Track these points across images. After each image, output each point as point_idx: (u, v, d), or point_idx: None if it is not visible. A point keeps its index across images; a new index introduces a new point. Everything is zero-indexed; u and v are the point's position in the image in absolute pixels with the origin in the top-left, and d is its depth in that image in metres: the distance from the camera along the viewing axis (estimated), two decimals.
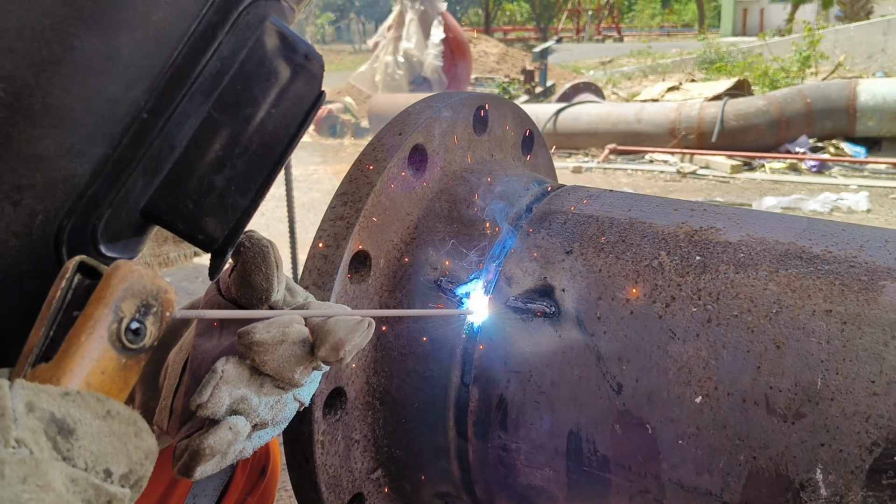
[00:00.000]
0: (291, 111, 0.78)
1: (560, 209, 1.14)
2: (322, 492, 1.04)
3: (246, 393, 0.76)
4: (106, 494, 0.54)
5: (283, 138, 0.78)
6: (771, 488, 0.87)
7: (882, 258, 0.92)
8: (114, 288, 0.58)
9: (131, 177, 0.69)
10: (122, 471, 0.56)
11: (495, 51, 18.80)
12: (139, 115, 0.67)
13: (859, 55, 14.10)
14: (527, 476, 1.06)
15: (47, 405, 0.52)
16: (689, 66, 17.76)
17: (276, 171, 0.78)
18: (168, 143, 0.71)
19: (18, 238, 0.63)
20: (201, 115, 0.72)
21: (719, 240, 1.01)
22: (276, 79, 0.76)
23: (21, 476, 0.48)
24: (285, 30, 0.76)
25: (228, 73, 0.72)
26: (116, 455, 0.56)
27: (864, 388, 0.83)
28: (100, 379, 0.58)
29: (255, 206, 0.79)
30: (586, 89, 11.23)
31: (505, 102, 1.33)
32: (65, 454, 0.52)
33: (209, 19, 0.70)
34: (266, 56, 0.75)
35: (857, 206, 6.20)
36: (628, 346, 0.96)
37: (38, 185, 0.62)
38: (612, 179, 8.02)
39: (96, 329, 0.57)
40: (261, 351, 0.75)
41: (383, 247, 1.08)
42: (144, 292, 0.60)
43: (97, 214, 0.68)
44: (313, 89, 0.79)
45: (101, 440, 0.55)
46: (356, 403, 1.07)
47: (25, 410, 0.51)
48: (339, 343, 0.76)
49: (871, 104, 8.17)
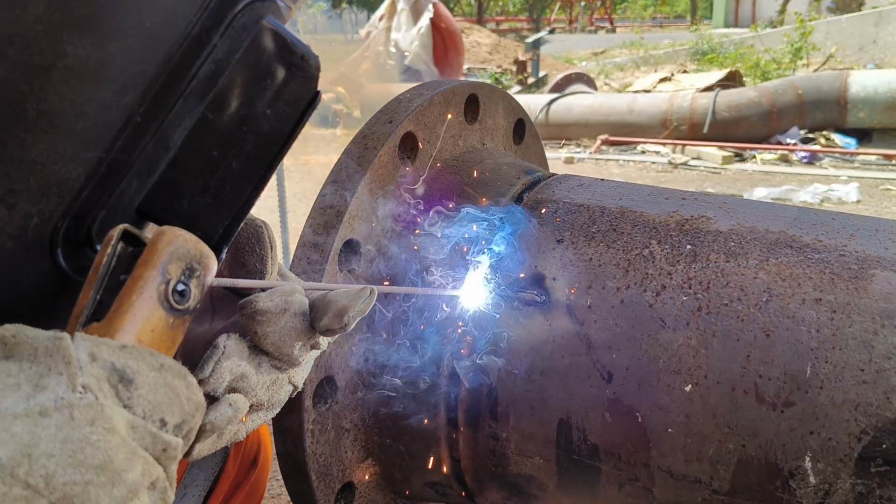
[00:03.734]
0: (287, 111, 0.78)
1: (551, 198, 1.13)
2: (312, 480, 1.04)
3: (246, 370, 0.76)
4: (161, 442, 0.58)
5: (278, 138, 0.79)
6: (760, 476, 0.88)
7: (872, 247, 0.93)
8: (161, 251, 0.62)
9: (125, 178, 0.70)
10: (175, 421, 0.60)
11: (488, 41, 18.75)
12: (133, 118, 0.68)
13: (851, 47, 14.13)
14: (517, 465, 1.06)
15: (108, 356, 0.56)
16: (681, 57, 17.76)
17: (272, 171, 0.79)
18: (162, 144, 0.71)
19: (14, 240, 0.64)
20: (196, 116, 0.72)
21: (710, 228, 1.00)
22: (271, 79, 0.76)
23: (89, 419, 0.52)
24: (281, 30, 0.76)
25: (223, 75, 0.73)
26: (171, 406, 0.59)
27: (854, 377, 0.83)
28: (150, 336, 0.61)
29: (251, 205, 0.80)
30: (578, 80, 11.21)
31: (496, 91, 1.33)
32: (125, 402, 0.56)
33: (203, 23, 0.70)
34: (261, 57, 0.75)
35: (848, 197, 6.22)
36: (619, 334, 0.96)
37: (32, 189, 0.63)
38: (604, 170, 8.02)
39: (146, 289, 0.61)
40: (263, 321, 0.75)
41: (374, 235, 1.07)
42: (189, 256, 0.64)
43: (92, 216, 0.69)
44: (309, 90, 0.80)
45: (157, 391, 0.58)
46: (346, 392, 1.07)
47: (89, 360, 0.55)
48: (343, 309, 0.76)
49: (862, 95, 8.19)
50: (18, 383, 0.52)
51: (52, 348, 0.54)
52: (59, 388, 0.53)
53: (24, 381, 0.52)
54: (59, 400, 0.52)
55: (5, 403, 0.51)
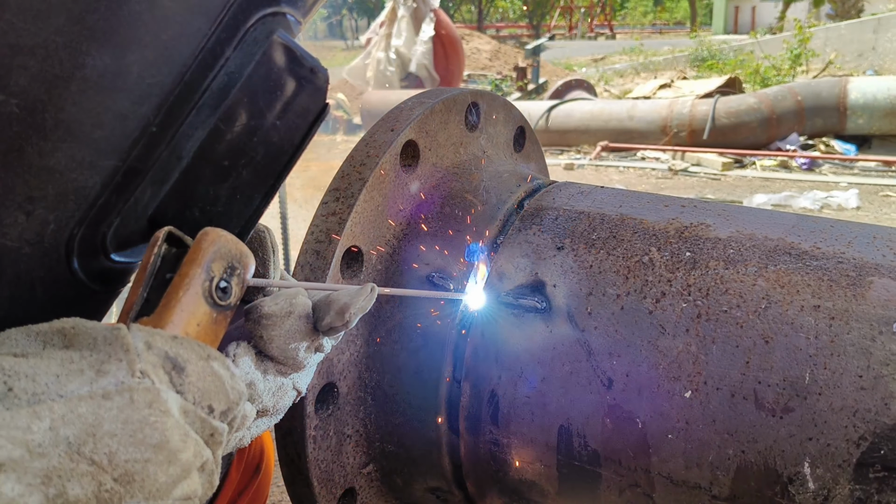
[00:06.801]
0: (296, 123, 0.80)
1: (551, 205, 1.14)
2: (314, 486, 1.04)
3: (254, 377, 0.77)
4: (210, 427, 0.62)
5: (287, 149, 0.81)
6: (759, 482, 0.88)
7: (870, 254, 0.93)
8: (205, 250, 0.67)
9: (140, 187, 0.72)
10: (222, 408, 0.64)
11: (488, 48, 18.80)
12: (148, 128, 0.70)
13: (850, 53, 14.16)
14: (518, 471, 1.06)
15: (161, 345, 0.60)
16: (680, 63, 17.80)
17: (281, 181, 0.82)
18: (176, 154, 0.73)
19: (31, 246, 0.65)
20: (208, 127, 0.74)
21: (709, 236, 1.01)
22: (281, 92, 0.78)
23: (147, 401, 0.56)
24: (291, 44, 0.78)
25: (235, 87, 0.74)
26: (217, 394, 0.64)
27: (852, 383, 0.84)
28: (196, 330, 0.66)
29: (260, 214, 0.82)
30: (578, 86, 11.24)
31: (497, 99, 1.34)
32: (178, 388, 0.60)
33: (217, 36, 0.72)
34: (272, 70, 0.77)
35: (847, 203, 6.22)
36: (619, 341, 0.97)
37: (49, 196, 0.65)
38: (604, 176, 8.03)
39: (192, 286, 0.66)
40: (269, 325, 0.76)
41: (375, 242, 1.08)
42: (230, 255, 0.69)
43: (107, 223, 0.71)
44: (318, 102, 0.81)
45: (205, 379, 0.63)
46: (348, 398, 1.07)
47: (145, 348, 0.59)
48: (345, 307, 0.77)
49: (861, 102, 8.21)
50: (81, 369, 0.56)
51: (111, 337, 0.58)
52: (119, 373, 0.57)
53: (86, 367, 0.56)
54: (119, 384, 0.56)
55: (70, 387, 0.54)
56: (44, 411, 0.52)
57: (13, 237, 0.63)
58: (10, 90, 0.59)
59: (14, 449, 0.49)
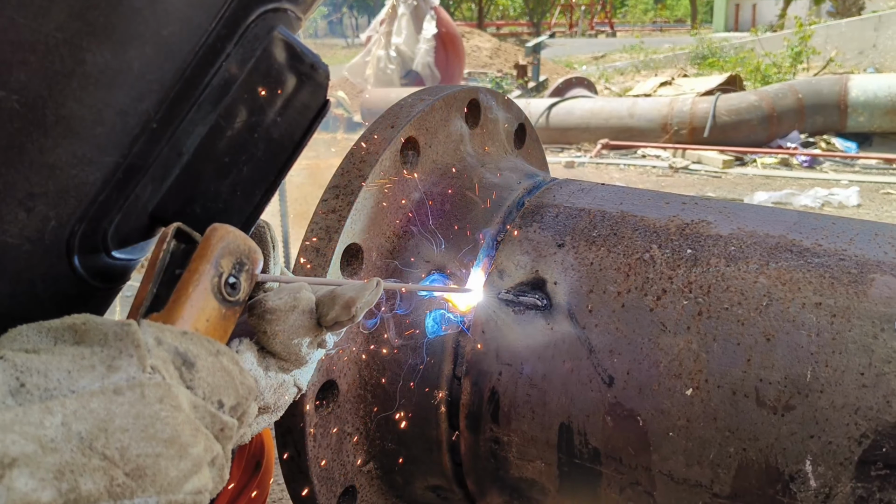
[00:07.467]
0: (297, 119, 0.80)
1: (552, 202, 1.14)
2: (314, 484, 1.04)
3: (257, 374, 0.77)
4: (220, 422, 0.63)
5: (287, 145, 0.81)
6: (761, 480, 0.88)
7: (871, 251, 0.93)
8: (214, 246, 0.67)
9: (140, 183, 0.72)
10: (231, 403, 0.64)
11: (488, 45, 18.78)
12: (149, 125, 0.69)
13: (850, 51, 14.15)
14: (518, 468, 1.06)
15: (171, 340, 0.61)
16: (681, 61, 17.79)
17: (281, 177, 0.81)
18: (176, 150, 0.73)
19: (32, 243, 0.65)
20: (209, 123, 0.74)
21: (710, 233, 1.01)
22: (282, 88, 0.78)
23: (158, 396, 0.57)
24: (292, 40, 0.78)
25: (236, 83, 0.74)
26: (227, 388, 0.64)
27: (854, 381, 0.84)
28: (205, 325, 0.66)
29: (260, 210, 0.82)
30: (579, 84, 11.23)
31: (498, 96, 1.33)
32: (188, 383, 0.61)
33: (218, 32, 0.72)
34: (272, 66, 0.77)
35: (848, 201, 6.22)
36: (620, 338, 0.96)
37: (50, 192, 0.65)
38: (605, 174, 8.03)
39: (201, 282, 0.66)
40: (273, 320, 0.76)
41: (375, 240, 1.08)
42: (239, 251, 0.69)
43: (108, 219, 0.70)
44: (318, 98, 0.81)
45: (215, 374, 0.63)
46: (348, 396, 1.07)
47: (155, 343, 0.59)
48: (350, 301, 0.77)
49: (861, 100, 8.20)
50: (93, 364, 0.56)
51: (122, 333, 0.58)
52: (130, 368, 0.57)
53: (97, 362, 0.56)
54: (130, 379, 0.56)
55: (82, 382, 0.55)
56: (56, 407, 0.52)
57: (14, 234, 0.63)
58: (11, 86, 0.59)
59: (27, 444, 0.50)
